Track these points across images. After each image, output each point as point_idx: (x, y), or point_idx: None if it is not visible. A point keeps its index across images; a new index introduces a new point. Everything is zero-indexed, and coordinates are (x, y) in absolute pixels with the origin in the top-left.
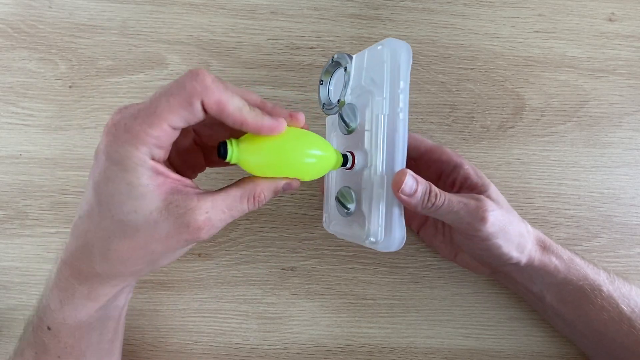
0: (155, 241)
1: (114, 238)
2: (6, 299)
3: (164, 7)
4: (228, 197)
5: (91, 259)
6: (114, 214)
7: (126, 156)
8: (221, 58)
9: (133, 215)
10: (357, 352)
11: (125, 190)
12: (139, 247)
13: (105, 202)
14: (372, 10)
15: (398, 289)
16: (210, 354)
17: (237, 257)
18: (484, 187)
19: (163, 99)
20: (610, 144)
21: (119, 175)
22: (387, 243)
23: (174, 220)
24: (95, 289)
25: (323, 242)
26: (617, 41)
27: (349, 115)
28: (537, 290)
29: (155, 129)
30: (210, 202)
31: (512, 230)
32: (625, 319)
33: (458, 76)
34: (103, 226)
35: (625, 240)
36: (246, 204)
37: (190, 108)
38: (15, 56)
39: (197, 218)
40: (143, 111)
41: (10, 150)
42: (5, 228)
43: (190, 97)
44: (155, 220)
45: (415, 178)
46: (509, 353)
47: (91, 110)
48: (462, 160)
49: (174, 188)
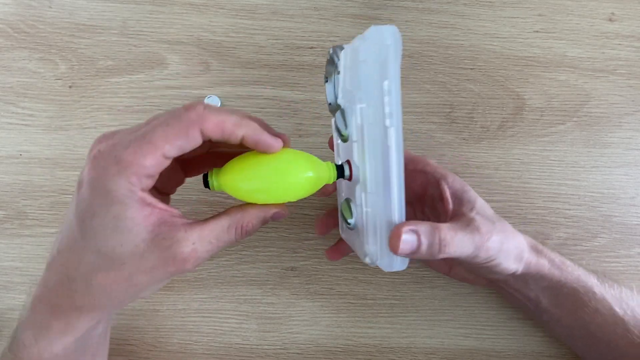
0: (140, 273)
1: (98, 271)
2: (6, 299)
3: (164, 7)
4: (216, 228)
5: (72, 293)
6: (99, 248)
7: (114, 189)
8: (221, 58)
9: (119, 249)
10: (357, 352)
11: (112, 224)
12: (124, 279)
13: (90, 236)
14: (372, 10)
15: (398, 289)
16: (210, 354)
17: (237, 257)
18: (470, 202)
19: (159, 129)
20: (610, 144)
21: (105, 209)
22: (387, 263)
23: (160, 252)
24: (73, 323)
25: (323, 242)
26: (617, 41)
27: (341, 122)
28: (533, 296)
29: (149, 158)
30: (197, 233)
31: (508, 247)
32: (619, 322)
33: (458, 76)
34: (87, 260)
35: (625, 240)
36: (233, 234)
37: (187, 137)
38: (15, 56)
39: (184, 250)
40: (136, 141)
41: (10, 150)
42: (5, 228)
43: (187, 127)
44: (141, 252)
45: (415, 231)
46: (509, 353)
47: (91, 110)
48: (446, 172)
49: (161, 219)
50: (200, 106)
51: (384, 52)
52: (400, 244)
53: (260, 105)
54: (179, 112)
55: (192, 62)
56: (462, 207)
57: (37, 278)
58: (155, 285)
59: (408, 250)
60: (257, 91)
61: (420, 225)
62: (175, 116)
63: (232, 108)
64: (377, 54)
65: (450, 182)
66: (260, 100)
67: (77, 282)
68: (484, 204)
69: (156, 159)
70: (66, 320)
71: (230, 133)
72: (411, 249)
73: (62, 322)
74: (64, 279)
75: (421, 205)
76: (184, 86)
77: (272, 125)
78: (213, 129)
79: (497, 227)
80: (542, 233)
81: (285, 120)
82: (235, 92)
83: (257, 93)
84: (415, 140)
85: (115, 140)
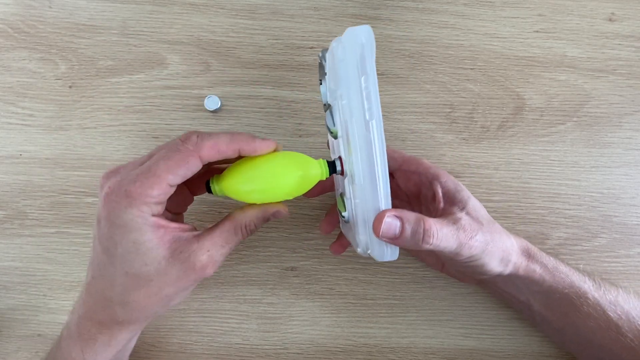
0: (167, 286)
1: (131, 290)
2: (6, 299)
3: (164, 7)
4: (223, 232)
5: (113, 312)
6: (127, 271)
7: (129, 219)
8: (221, 58)
9: (145, 268)
10: (357, 352)
11: (133, 249)
12: (154, 293)
13: (117, 262)
14: (372, 10)
15: (398, 289)
16: (210, 354)
17: (237, 257)
18: (462, 202)
19: (161, 163)
20: (610, 144)
21: (125, 237)
22: (378, 252)
23: (180, 264)
24: (115, 335)
25: (323, 242)
26: (617, 41)
27: (330, 120)
28: (524, 299)
29: (156, 189)
30: (208, 240)
31: (493, 249)
32: (612, 326)
33: (458, 76)
34: (119, 282)
35: (625, 240)
36: (240, 234)
37: (187, 165)
38: (15, 56)
39: (201, 258)
40: (142, 175)
41: (10, 150)
42: (5, 228)
43: (186, 157)
44: (164, 268)
45: (399, 217)
46: (509, 353)
47: (91, 110)
48: (439, 171)
49: (175, 236)
50: (194, 135)
51: (360, 50)
52: (382, 227)
53: (260, 105)
54: (177, 145)
55: (192, 62)
56: (453, 207)
57: (37, 278)
58: (182, 293)
59: (390, 234)
60: (257, 91)
61: (405, 213)
62: (174, 149)
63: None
64: (353, 52)
65: (443, 182)
66: (260, 100)
67: (115, 302)
68: (477, 205)
69: (162, 188)
70: (110, 333)
71: (225, 151)
72: (394, 234)
73: (107, 336)
74: (103, 300)
75: (418, 205)
76: (184, 86)
77: (272, 125)
78: (209, 153)
79: (485, 228)
80: (542, 233)
81: (285, 120)
82: (235, 92)
83: (257, 93)
84: (415, 140)
85: (122, 176)
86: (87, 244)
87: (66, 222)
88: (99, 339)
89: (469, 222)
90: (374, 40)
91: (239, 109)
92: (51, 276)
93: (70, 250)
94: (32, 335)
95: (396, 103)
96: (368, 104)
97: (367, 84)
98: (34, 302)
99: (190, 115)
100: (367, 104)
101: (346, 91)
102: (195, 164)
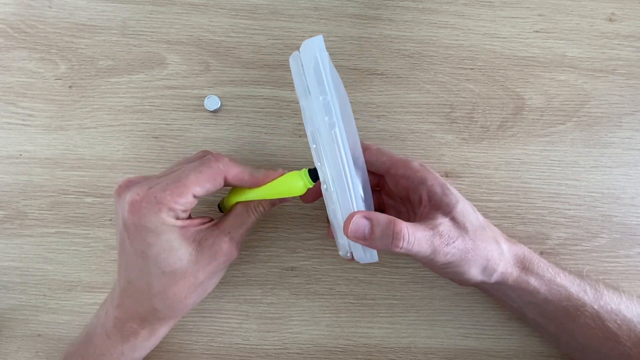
0: (200, 272)
1: (170, 286)
2: (6, 299)
3: (164, 7)
4: (237, 215)
5: (154, 309)
6: (164, 270)
7: (160, 223)
8: (221, 58)
9: (179, 263)
10: (357, 352)
11: (167, 247)
12: (191, 284)
13: (152, 263)
14: (372, 10)
15: (398, 289)
16: (210, 354)
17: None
18: (449, 206)
19: (192, 175)
20: (610, 144)
21: (158, 238)
22: (359, 255)
23: (208, 250)
24: (157, 330)
25: (323, 242)
26: (617, 41)
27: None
28: (517, 306)
29: (183, 197)
30: (226, 225)
31: (474, 257)
32: (611, 336)
33: (458, 76)
34: (157, 281)
35: (625, 240)
36: (252, 214)
37: (214, 182)
38: (15, 56)
39: (224, 239)
40: (172, 184)
41: (10, 150)
42: (5, 228)
43: (215, 174)
44: (195, 258)
45: (369, 218)
46: (509, 353)
47: (91, 110)
48: (426, 175)
49: (196, 230)
50: (226, 159)
51: (313, 61)
52: (350, 226)
53: (260, 105)
54: (209, 162)
55: (192, 62)
56: (437, 212)
57: (37, 278)
58: (214, 278)
59: (360, 234)
60: (257, 91)
61: (376, 215)
62: (206, 165)
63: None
64: (308, 64)
65: (429, 185)
66: (260, 100)
67: (155, 299)
68: (466, 210)
69: (188, 198)
70: (151, 328)
71: (247, 180)
72: (363, 234)
73: (147, 330)
74: (143, 299)
75: (410, 208)
76: (184, 86)
77: (271, 125)
78: (234, 178)
79: (470, 235)
80: (542, 233)
81: (285, 120)
82: (235, 92)
83: (257, 93)
84: (415, 140)
85: (149, 185)
86: (87, 244)
87: (66, 222)
88: (141, 334)
89: (449, 228)
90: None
91: (239, 109)
92: (51, 276)
93: (70, 250)
94: (32, 335)
95: (396, 103)
96: (328, 110)
97: (323, 95)
98: (34, 302)
99: (190, 115)
100: (326, 110)
101: (307, 103)
102: (220, 183)
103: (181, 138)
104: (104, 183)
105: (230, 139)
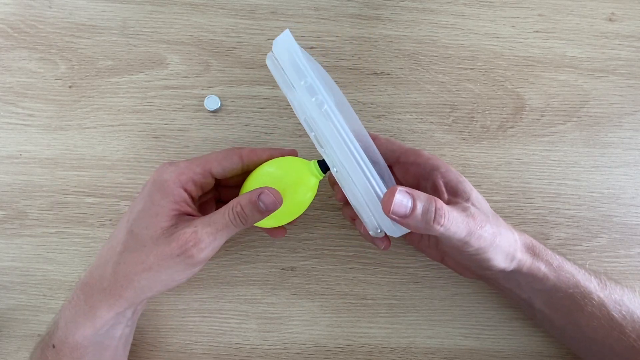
0: (152, 255)
1: (124, 252)
2: (6, 299)
3: (164, 7)
4: (214, 215)
5: (102, 274)
6: (133, 228)
7: (166, 178)
8: (221, 58)
9: (144, 231)
10: (357, 352)
11: (147, 207)
12: (141, 261)
13: (131, 218)
14: (372, 10)
15: (398, 289)
16: (210, 354)
17: (237, 257)
18: (466, 193)
19: (212, 154)
20: (610, 144)
21: (152, 193)
22: (389, 229)
23: (169, 236)
24: (96, 307)
25: (323, 242)
26: (617, 41)
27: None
28: (526, 297)
29: (198, 168)
30: (200, 220)
31: (501, 242)
32: (616, 326)
33: (458, 76)
34: (121, 239)
35: (625, 240)
36: (227, 215)
37: (230, 160)
38: (15, 56)
39: (186, 232)
40: (195, 160)
41: (10, 150)
42: (5, 228)
43: (230, 152)
44: (157, 237)
45: (410, 194)
46: (509, 353)
47: (91, 110)
48: (439, 162)
49: (182, 218)
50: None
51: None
52: (394, 202)
53: (260, 105)
54: (227, 149)
55: (192, 62)
56: (457, 197)
57: (37, 278)
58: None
59: (402, 212)
60: (257, 91)
61: (416, 191)
62: (224, 150)
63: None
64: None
65: (443, 172)
66: (260, 100)
67: (109, 262)
68: (479, 197)
69: (203, 171)
70: (92, 303)
71: (261, 155)
72: (405, 211)
73: (89, 305)
74: (102, 261)
75: None
76: (184, 86)
77: (271, 125)
78: (249, 154)
79: (492, 220)
80: (542, 233)
81: (285, 120)
82: (235, 92)
83: (257, 93)
84: (415, 140)
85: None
86: (87, 244)
87: (66, 222)
88: (81, 308)
89: (478, 212)
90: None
91: (238, 109)
92: (51, 276)
93: (70, 250)
94: (32, 335)
95: (396, 103)
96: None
97: (304, 79)
98: (34, 302)
99: (190, 115)
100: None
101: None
102: (236, 161)
103: (181, 138)
104: (104, 183)
105: (230, 139)
